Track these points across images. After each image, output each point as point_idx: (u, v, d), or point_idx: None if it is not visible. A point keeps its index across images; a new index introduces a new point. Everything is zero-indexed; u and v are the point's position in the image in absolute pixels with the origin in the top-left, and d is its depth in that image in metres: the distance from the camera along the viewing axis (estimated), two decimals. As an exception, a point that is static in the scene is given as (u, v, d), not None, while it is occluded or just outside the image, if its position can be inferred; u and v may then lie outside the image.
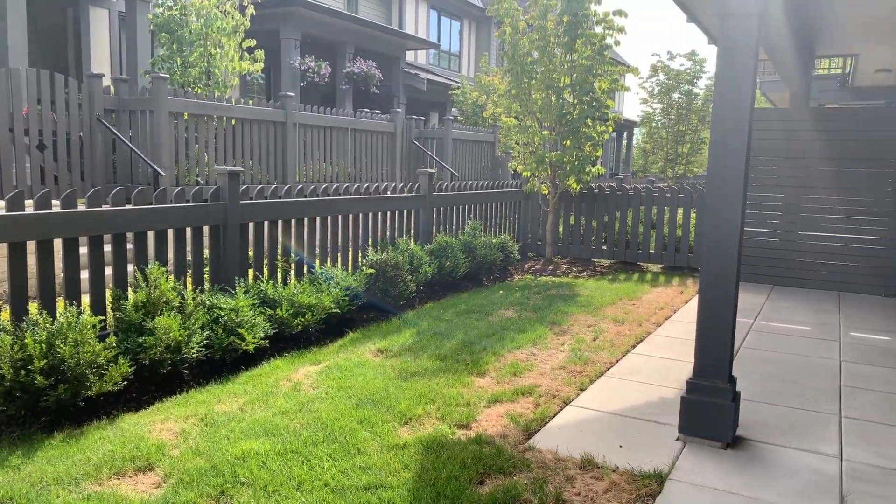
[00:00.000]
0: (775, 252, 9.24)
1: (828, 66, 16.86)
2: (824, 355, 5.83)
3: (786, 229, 9.21)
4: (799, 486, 3.42)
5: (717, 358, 3.91)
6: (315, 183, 9.68)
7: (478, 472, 3.44)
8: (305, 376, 4.92)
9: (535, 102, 9.68)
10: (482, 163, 17.04)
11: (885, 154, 8.62)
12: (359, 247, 7.37)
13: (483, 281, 8.86)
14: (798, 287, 9.07)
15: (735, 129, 3.77)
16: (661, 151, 18.32)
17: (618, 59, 30.90)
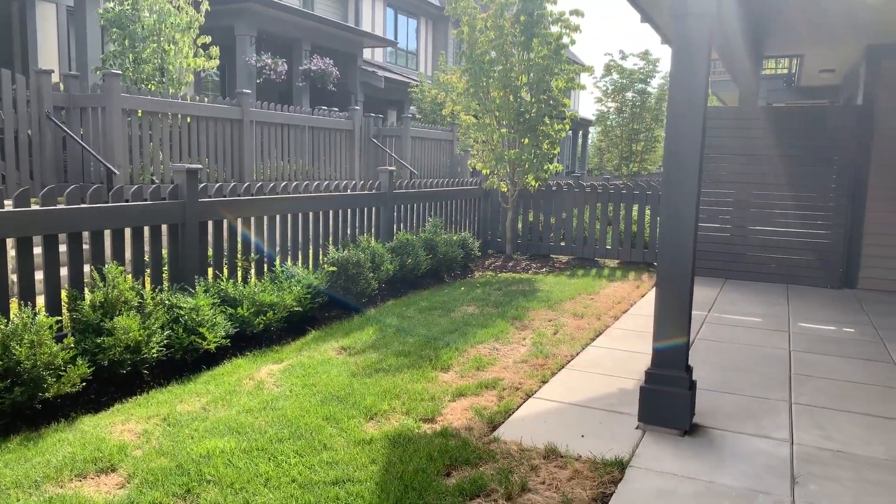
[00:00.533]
0: (727, 247, 9.51)
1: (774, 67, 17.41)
2: (775, 345, 6.04)
3: (737, 224, 9.49)
4: (753, 470, 3.55)
5: (674, 348, 4.03)
6: (273, 181, 9.60)
7: (444, 465, 3.48)
8: (268, 375, 4.89)
9: (494, 101, 9.77)
10: (441, 161, 17.09)
11: (828, 152, 8.95)
12: (319, 245, 7.34)
13: (444, 278, 8.91)
14: (749, 280, 9.35)
15: (690, 125, 3.89)
16: (616, 149, 18.66)
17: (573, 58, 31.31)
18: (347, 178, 13.84)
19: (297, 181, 6.91)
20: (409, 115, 18.02)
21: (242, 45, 14.82)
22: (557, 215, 10.62)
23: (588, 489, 3.28)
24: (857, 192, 8.91)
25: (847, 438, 3.99)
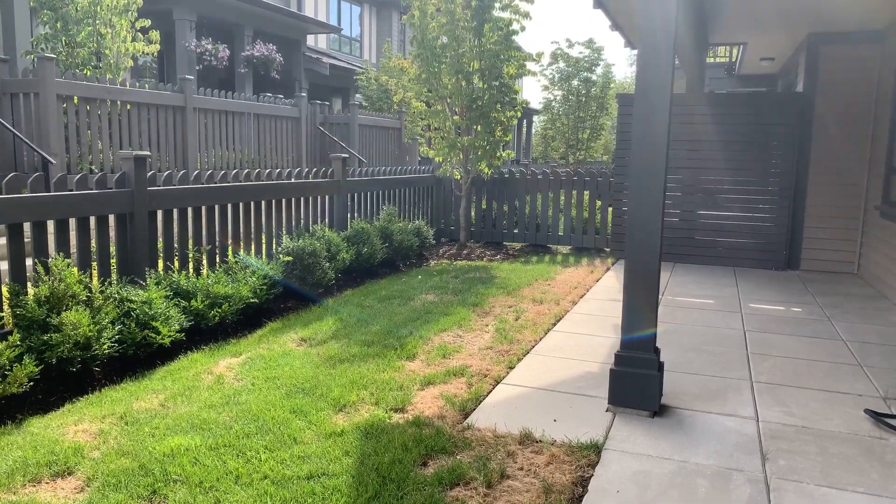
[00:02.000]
0: (676, 231, 9.70)
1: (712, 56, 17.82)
2: (730, 326, 6.18)
3: (685, 209, 9.68)
4: (724, 448, 3.61)
5: (643, 331, 4.05)
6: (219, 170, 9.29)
7: (420, 454, 3.41)
8: (227, 368, 4.72)
9: (446, 87, 9.68)
10: (389, 149, 16.91)
11: (771, 137, 9.21)
12: (273, 234, 7.14)
13: (400, 267, 8.81)
14: (698, 263, 9.57)
15: (657, 109, 3.89)
16: (562, 137, 18.83)
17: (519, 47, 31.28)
18: (294, 167, 13.55)
19: (248, 170, 6.69)
20: (356, 102, 17.76)
21: (182, 30, 14.30)
22: (510, 203, 10.64)
23: (567, 473, 3.27)
24: (798, 177, 9.20)
25: (808, 414, 4.10)
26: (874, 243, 8.33)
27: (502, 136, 9.98)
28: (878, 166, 8.35)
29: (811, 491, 3.16)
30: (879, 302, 7.30)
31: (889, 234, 7.69)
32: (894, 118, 7.84)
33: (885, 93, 8.31)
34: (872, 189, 8.62)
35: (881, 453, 3.57)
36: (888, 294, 7.52)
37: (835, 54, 8.91)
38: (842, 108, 8.89)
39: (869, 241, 8.63)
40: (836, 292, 7.79)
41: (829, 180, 9.08)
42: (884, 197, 8.04)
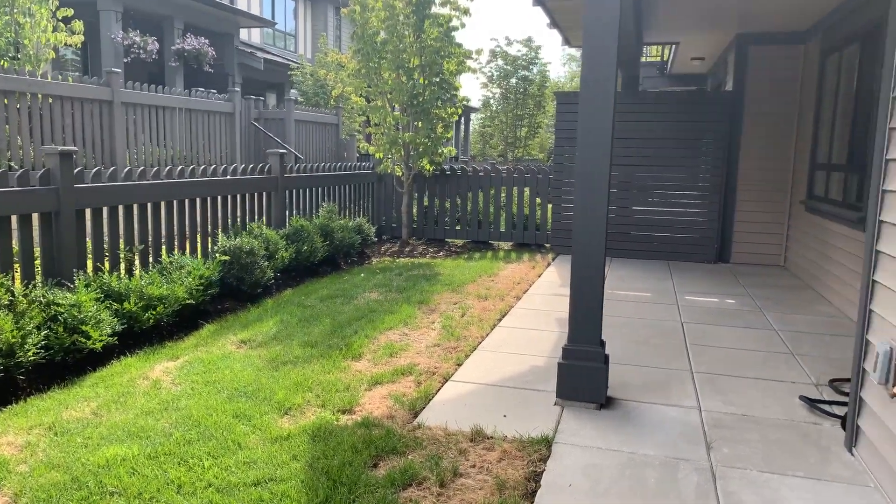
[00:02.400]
0: (612, 226, 9.86)
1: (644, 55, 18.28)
2: (668, 318, 6.32)
3: (620, 205, 9.87)
4: (669, 438, 3.67)
5: (589, 325, 4.09)
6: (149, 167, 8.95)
7: (371, 456, 3.34)
8: (164, 373, 4.53)
9: (386, 83, 9.58)
10: (326, 145, 16.67)
11: (703, 135, 9.48)
12: (209, 233, 6.90)
13: (341, 265, 8.67)
14: (633, 258, 9.77)
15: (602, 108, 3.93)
16: (501, 135, 18.95)
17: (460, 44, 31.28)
18: (229, 164, 13.17)
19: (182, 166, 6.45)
20: (292, 98, 17.41)
21: (107, 22, 13.70)
22: (452, 199, 10.62)
23: (519, 469, 3.26)
24: (729, 173, 9.50)
25: (747, 402, 4.22)
26: (800, 236, 8.68)
27: (444, 133, 9.95)
28: (803, 163, 8.71)
29: (755, 477, 3.24)
30: (806, 292, 7.60)
31: (813, 227, 8.02)
32: (818, 117, 8.18)
33: (808, 92, 8.67)
34: (797, 184, 8.98)
35: (817, 438, 3.70)
36: (813, 284, 7.85)
37: (762, 54, 9.23)
38: (769, 106, 9.23)
39: (795, 234, 8.99)
40: (766, 284, 8.08)
41: (758, 176, 9.41)
42: (808, 192, 8.38)
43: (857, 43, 6.88)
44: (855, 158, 6.72)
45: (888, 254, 3.19)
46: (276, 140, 14.49)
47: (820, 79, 8.15)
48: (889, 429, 3.02)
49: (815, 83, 8.33)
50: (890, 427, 3.01)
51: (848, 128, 7.03)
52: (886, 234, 3.26)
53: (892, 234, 3.20)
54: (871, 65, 6.46)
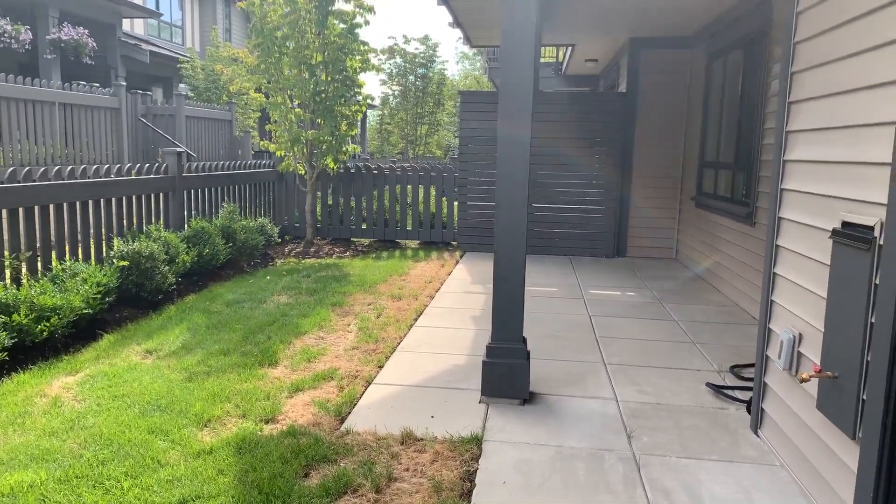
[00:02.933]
0: (517, 223, 10.08)
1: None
2: (576, 312, 6.54)
3: (525, 202, 10.08)
4: (592, 430, 3.80)
5: (511, 323, 4.17)
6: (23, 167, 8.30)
7: (301, 466, 3.25)
8: (64, 389, 4.22)
9: (288, 79, 9.33)
10: (220, 142, 16.06)
11: (600, 134, 9.86)
12: (103, 237, 6.48)
13: (244, 268, 8.37)
14: (536, 254, 10.02)
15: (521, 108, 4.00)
16: (400, 132, 18.92)
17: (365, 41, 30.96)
18: (115, 163, 12.43)
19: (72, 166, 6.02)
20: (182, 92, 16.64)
21: (-29, 7, 12.56)
22: (358, 198, 10.50)
23: (453, 469, 3.27)
24: (624, 171, 9.94)
25: (659, 391, 4.43)
26: (690, 230, 9.22)
27: (348, 131, 9.81)
28: (692, 161, 9.24)
29: (674, 463, 3.41)
30: (698, 283, 8.08)
31: (703, 221, 8.54)
32: (705, 119, 8.70)
33: (696, 95, 9.20)
34: (687, 181, 9.52)
35: (725, 422, 3.95)
36: (703, 274, 8.36)
37: (653, 58, 9.71)
38: (659, 108, 9.73)
39: (685, 228, 9.53)
40: (661, 276, 8.52)
41: (650, 174, 9.90)
42: (697, 189, 8.91)
43: (740, 49, 7.37)
44: (741, 158, 7.19)
45: (788, 248, 3.44)
46: (165, 137, 13.81)
47: (707, 82, 8.66)
48: (793, 411, 3.26)
49: (701, 86, 8.85)
50: (794, 409, 3.25)
51: (734, 129, 7.51)
52: (786, 230, 3.51)
53: (791, 230, 3.45)
54: (753, 70, 6.94)
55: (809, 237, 3.18)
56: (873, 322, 2.51)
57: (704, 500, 3.06)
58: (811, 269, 3.15)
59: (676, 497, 3.07)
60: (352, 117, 9.90)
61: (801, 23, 3.43)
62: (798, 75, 3.43)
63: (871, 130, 2.68)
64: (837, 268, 2.79)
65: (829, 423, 2.86)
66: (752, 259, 6.59)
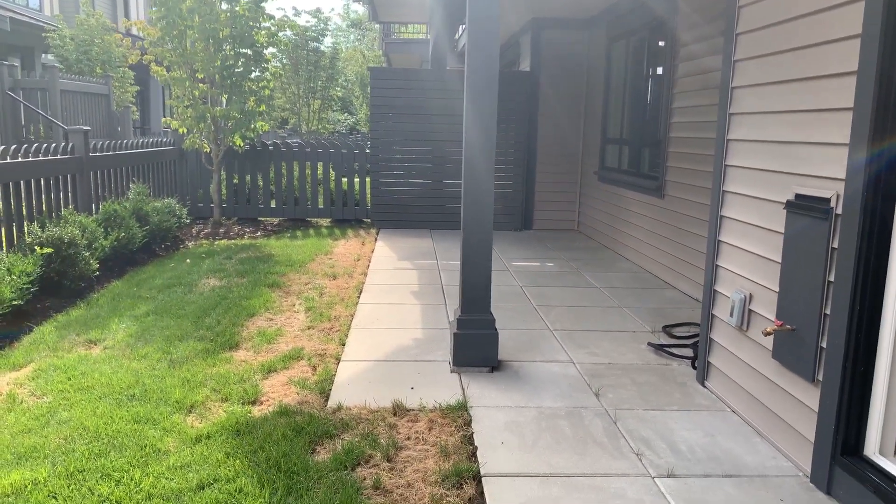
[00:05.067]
0: (429, 201, 10.29)
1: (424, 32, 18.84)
2: (508, 283, 6.86)
3: (436, 179, 10.31)
4: (563, 391, 4.11)
5: (480, 296, 4.39)
6: None
7: (306, 443, 3.32)
8: (16, 385, 3.99)
9: (196, 54, 8.93)
10: (97, 117, 15.02)
11: (507, 112, 10.15)
12: (13, 222, 6.02)
13: (157, 251, 8.03)
14: (449, 229, 10.26)
15: (487, 88, 4.18)
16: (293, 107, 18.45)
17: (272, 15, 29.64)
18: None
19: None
20: (52, 63, 15.33)
21: None
22: (265, 176, 10.27)
23: (451, 435, 3.46)
24: (529, 148, 10.37)
25: (607, 352, 4.82)
26: (592, 203, 9.81)
27: (255, 107, 9.55)
28: (593, 137, 9.80)
29: (643, 415, 3.79)
30: (604, 252, 8.66)
31: (606, 194, 9.13)
32: (607, 98, 9.26)
33: (595, 74, 9.73)
34: (588, 157, 10.09)
35: (673, 377, 4.39)
36: (607, 244, 8.97)
37: (554, 38, 10.14)
38: (560, 86, 10.20)
39: (586, 201, 10.12)
40: (571, 247, 9.04)
41: (553, 150, 10.39)
42: (601, 164, 9.49)
43: (644, 33, 7.90)
44: (647, 135, 7.76)
45: (734, 218, 3.88)
46: (40, 113, 12.79)
47: (607, 63, 9.20)
48: (744, 362, 3.72)
49: (602, 67, 9.37)
50: (745, 360, 3.71)
51: (640, 109, 8.08)
52: (729, 202, 3.95)
53: (734, 202, 3.89)
54: (658, 54, 7.48)
55: (758, 208, 3.62)
56: (832, 280, 2.95)
57: (678, 444, 3.45)
58: (760, 237, 3.59)
59: (656, 444, 3.44)
60: (259, 93, 9.65)
61: (742, 16, 3.84)
62: (741, 63, 3.85)
63: (819, 116, 3.11)
64: (792, 235, 3.22)
65: (784, 370, 3.31)
66: (662, 228, 7.18)
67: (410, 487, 2.99)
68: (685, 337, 5.16)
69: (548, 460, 3.24)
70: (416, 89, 9.98)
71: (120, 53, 15.65)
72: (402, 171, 10.20)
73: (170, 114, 11.46)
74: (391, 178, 10.21)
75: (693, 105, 6.45)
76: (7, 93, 12.50)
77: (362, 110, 28.86)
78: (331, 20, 18.14)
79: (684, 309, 6.00)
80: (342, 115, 29.07)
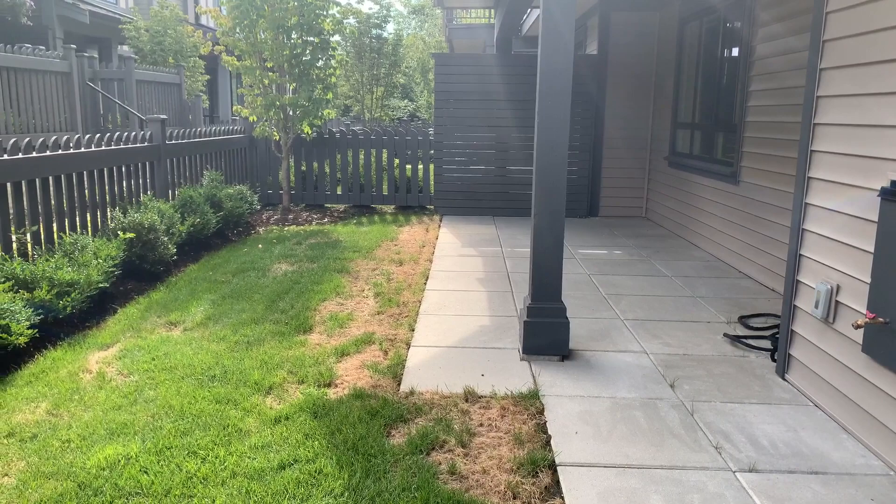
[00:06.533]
0: (492, 187, 10.25)
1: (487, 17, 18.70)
2: (575, 271, 6.78)
3: (499, 165, 10.26)
4: (636, 381, 4.04)
5: (552, 283, 4.34)
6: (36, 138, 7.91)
7: (382, 426, 3.37)
8: (104, 364, 4.18)
9: (265, 42, 9.10)
10: (170, 106, 15.52)
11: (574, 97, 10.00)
12: (98, 208, 6.29)
13: (230, 236, 8.26)
14: (512, 216, 10.22)
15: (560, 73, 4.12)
16: (356, 95, 18.63)
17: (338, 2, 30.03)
18: (68, 131, 11.89)
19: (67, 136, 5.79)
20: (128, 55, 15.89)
21: None
22: (332, 163, 10.42)
23: (525, 423, 3.45)
24: (596, 132, 10.19)
25: (681, 343, 4.72)
26: (661, 189, 9.58)
27: (322, 94, 9.68)
28: (663, 121, 9.55)
29: (721, 408, 3.70)
30: (674, 240, 8.46)
31: (676, 179, 8.90)
32: (677, 81, 9.00)
33: (666, 57, 9.47)
34: (657, 142, 9.84)
35: (751, 369, 4.26)
36: (677, 231, 8.75)
37: (622, 20, 9.90)
38: (629, 69, 9.97)
39: (655, 187, 9.89)
40: (638, 234, 8.86)
41: (620, 135, 10.18)
42: (671, 149, 9.24)
43: (718, 13, 7.63)
44: (722, 119, 7.52)
45: (821, 206, 3.72)
46: (118, 103, 13.29)
47: (679, 45, 8.93)
48: (830, 355, 3.57)
49: (674, 49, 9.11)
50: (831, 354, 3.56)
51: (713, 92, 7.82)
52: (815, 189, 3.79)
53: (821, 189, 3.72)
54: (734, 35, 7.22)
55: (847, 195, 3.46)
56: (932, 272, 2.79)
57: (759, 438, 3.35)
58: (849, 225, 3.43)
59: (735, 438, 3.35)
60: (327, 80, 9.77)
61: (833, -6, 3.65)
62: (830, 43, 3.67)
63: (922, 97, 2.94)
64: (888, 223, 3.06)
65: (875, 364, 3.17)
66: (736, 215, 6.96)
67: (486, 474, 3.00)
68: (763, 328, 5.00)
69: (624, 451, 3.20)
70: (480, 75, 9.92)
71: (191, 44, 16.10)
72: (466, 157, 10.18)
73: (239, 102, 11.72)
74: (454, 164, 10.20)
75: (772, 88, 6.20)
76: (87, 83, 13.03)
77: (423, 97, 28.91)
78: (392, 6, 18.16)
79: (760, 299, 5.81)
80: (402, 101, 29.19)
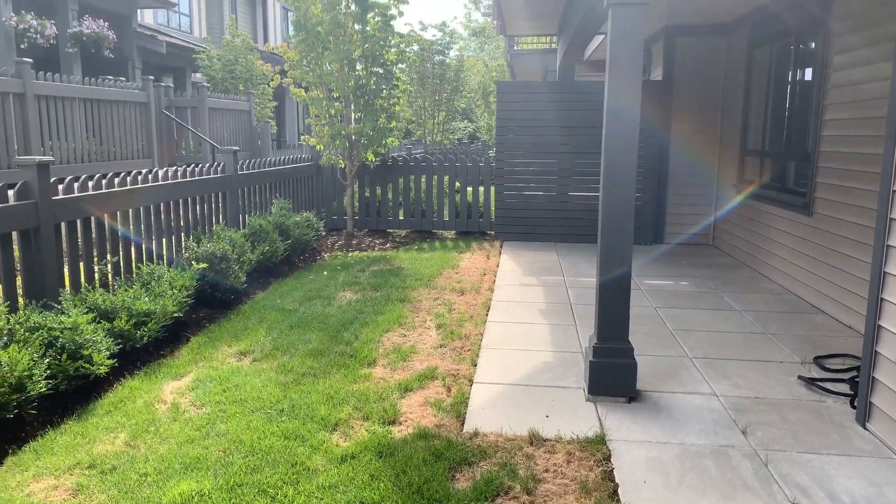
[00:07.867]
0: (555, 213, 10.19)
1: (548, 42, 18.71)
2: (641, 303, 6.65)
3: (560, 191, 10.20)
4: (706, 426, 3.93)
5: (618, 322, 4.28)
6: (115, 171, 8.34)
7: (446, 469, 3.37)
8: (178, 394, 4.32)
9: (331, 73, 9.35)
10: (240, 133, 16.05)
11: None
12: (173, 238, 6.55)
13: (297, 263, 8.46)
14: (575, 242, 10.13)
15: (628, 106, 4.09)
16: (419, 120, 18.90)
17: (400, 33, 30.74)
18: (145, 158, 12.44)
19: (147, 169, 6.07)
20: (201, 83, 16.55)
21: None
22: (395, 189, 10.57)
23: (590, 470, 3.40)
24: (661, 159, 10.03)
25: (753, 385, 4.56)
26: (729, 217, 9.33)
27: (387, 124, 9.86)
28: (730, 148, 9.32)
29: (797, 458, 3.55)
30: (744, 271, 8.21)
31: (745, 208, 8.65)
32: (746, 107, 8.79)
33: (734, 82, 9.26)
34: (724, 168, 9.61)
35: (829, 416, 4.09)
36: (745, 261, 8.49)
37: (688, 45, 9.76)
38: (695, 95, 9.80)
39: (724, 215, 9.64)
40: (706, 264, 8.64)
41: (686, 161, 9.99)
42: (739, 176, 9.01)
43: (790, 39, 7.43)
44: (794, 148, 7.29)
45: (905, 250, 3.56)
46: (191, 130, 13.82)
47: (748, 70, 8.73)
48: (916, 406, 3.40)
49: (742, 74, 8.91)
50: (917, 405, 3.39)
51: (784, 119, 7.60)
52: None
53: (905, 232, 3.56)
54: (808, 61, 7.01)
55: (934, 240, 3.30)
56: None
57: (840, 495, 3.20)
58: (937, 272, 3.27)
59: (813, 493, 3.21)
60: (390, 110, 9.94)
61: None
62: (914, 81, 3.53)
63: None
64: (980, 273, 2.90)
65: (967, 420, 2.99)
66: (809, 248, 6.72)
67: (551, 523, 2.96)
68: (840, 370, 4.79)
69: (695, 503, 3.11)
70: (541, 101, 9.92)
71: (260, 71, 16.65)
72: (526, 183, 10.17)
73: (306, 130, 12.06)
74: (515, 190, 10.20)
75: (848, 118, 5.99)
76: (164, 112, 13.62)
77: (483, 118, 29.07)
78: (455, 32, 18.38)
79: (837, 337, 5.58)
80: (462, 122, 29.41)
